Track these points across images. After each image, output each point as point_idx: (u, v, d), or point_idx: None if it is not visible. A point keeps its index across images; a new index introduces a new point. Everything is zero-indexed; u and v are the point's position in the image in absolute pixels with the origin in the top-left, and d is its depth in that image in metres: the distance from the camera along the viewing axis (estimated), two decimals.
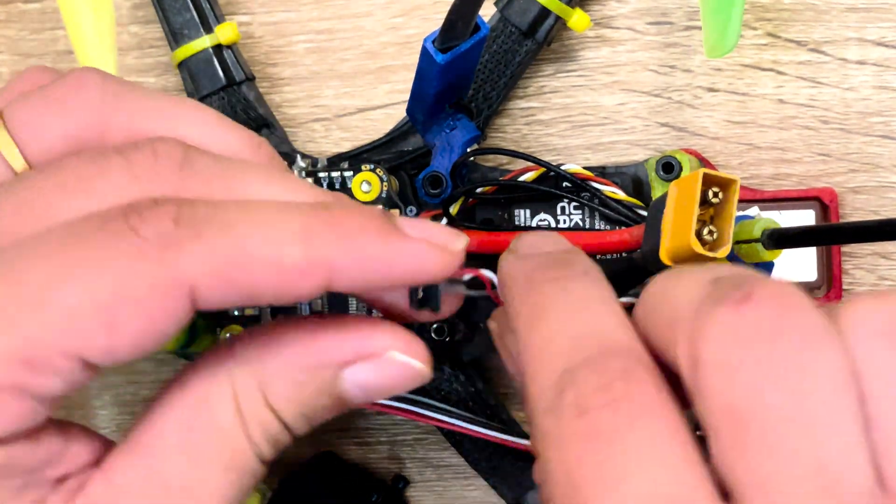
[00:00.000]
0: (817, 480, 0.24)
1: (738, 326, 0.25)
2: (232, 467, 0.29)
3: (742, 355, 0.25)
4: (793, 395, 0.24)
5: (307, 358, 0.29)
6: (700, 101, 0.42)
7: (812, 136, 0.42)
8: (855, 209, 0.42)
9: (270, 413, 0.30)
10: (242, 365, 0.29)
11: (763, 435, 0.24)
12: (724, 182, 0.30)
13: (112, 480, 0.29)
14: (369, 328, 0.30)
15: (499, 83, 0.41)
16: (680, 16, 0.43)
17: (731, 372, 0.25)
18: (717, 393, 0.25)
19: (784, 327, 0.25)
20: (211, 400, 0.29)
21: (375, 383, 0.30)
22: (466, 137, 0.38)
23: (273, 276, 0.27)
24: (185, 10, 0.41)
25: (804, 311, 0.25)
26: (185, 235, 0.27)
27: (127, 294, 0.26)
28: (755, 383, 0.24)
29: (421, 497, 0.44)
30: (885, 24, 0.42)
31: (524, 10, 0.40)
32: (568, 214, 0.38)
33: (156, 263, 0.26)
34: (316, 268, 0.28)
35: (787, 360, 0.25)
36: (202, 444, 0.29)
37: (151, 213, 0.27)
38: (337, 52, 0.44)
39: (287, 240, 0.27)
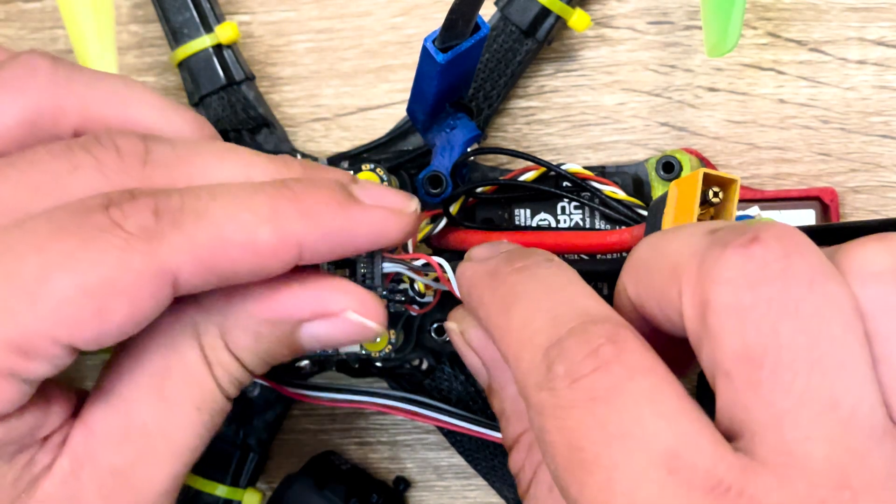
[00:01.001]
0: (831, 416, 0.24)
1: (747, 268, 0.25)
2: (203, 408, 0.32)
3: (754, 296, 0.25)
4: (805, 333, 0.25)
5: (267, 313, 0.31)
6: (700, 100, 0.42)
7: (812, 136, 0.42)
8: (855, 209, 0.42)
9: (232, 358, 0.32)
10: (206, 314, 0.31)
11: (777, 372, 0.25)
12: (724, 182, 0.30)
13: (92, 430, 0.31)
14: (328, 287, 0.32)
15: (499, 82, 0.41)
16: (680, 15, 0.43)
17: (744, 313, 0.25)
18: (730, 335, 0.25)
19: (793, 267, 0.25)
20: (179, 347, 0.31)
21: (330, 337, 0.32)
22: (467, 137, 0.38)
23: (248, 257, 0.29)
24: (185, 9, 0.41)
25: (810, 251, 0.26)
26: (165, 227, 0.29)
27: (117, 285, 0.28)
28: (768, 323, 0.25)
29: (421, 497, 0.44)
30: (885, 24, 0.42)
31: (524, 9, 0.40)
32: (568, 214, 0.38)
33: (141, 254, 0.28)
34: (287, 245, 0.30)
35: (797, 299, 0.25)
36: (174, 388, 0.31)
37: (131, 206, 0.29)
38: (337, 52, 0.44)
39: (258, 222, 0.29)
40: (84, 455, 0.31)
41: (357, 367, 0.40)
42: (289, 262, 0.30)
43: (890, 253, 0.26)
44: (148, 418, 0.31)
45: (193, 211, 0.29)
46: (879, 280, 0.26)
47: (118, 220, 0.28)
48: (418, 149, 0.40)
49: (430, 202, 0.38)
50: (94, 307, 0.28)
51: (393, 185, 0.38)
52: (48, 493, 0.31)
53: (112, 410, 0.31)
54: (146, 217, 0.29)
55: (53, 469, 0.31)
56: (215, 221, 0.29)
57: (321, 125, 0.44)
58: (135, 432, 0.31)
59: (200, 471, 0.41)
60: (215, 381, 0.32)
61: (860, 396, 0.25)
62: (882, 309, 0.26)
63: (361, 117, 0.44)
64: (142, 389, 0.31)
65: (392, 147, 0.42)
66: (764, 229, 0.26)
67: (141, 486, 0.31)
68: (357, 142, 0.43)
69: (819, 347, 0.25)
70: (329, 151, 0.44)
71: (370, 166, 0.38)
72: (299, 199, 0.30)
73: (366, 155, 0.42)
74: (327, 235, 0.30)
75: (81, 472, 0.31)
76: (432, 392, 0.41)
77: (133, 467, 0.31)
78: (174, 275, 0.29)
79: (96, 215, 0.29)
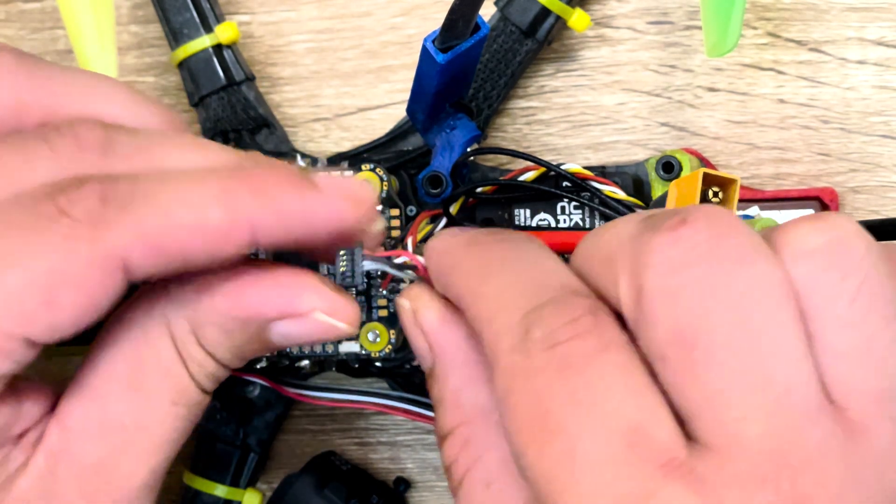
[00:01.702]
0: (766, 394, 0.24)
1: (676, 249, 0.26)
2: (179, 401, 0.31)
3: (683, 277, 0.25)
4: (736, 312, 0.25)
5: (234, 311, 0.31)
6: (700, 100, 0.42)
7: (812, 136, 0.42)
8: (855, 209, 0.42)
9: (204, 353, 0.31)
10: (176, 307, 0.31)
11: (709, 354, 0.25)
12: (724, 182, 0.30)
13: (68, 426, 0.31)
14: (297, 285, 0.31)
15: (499, 82, 0.41)
16: (680, 15, 0.43)
17: (675, 295, 0.25)
18: (663, 318, 0.25)
19: (722, 247, 0.25)
20: (151, 340, 0.31)
21: (300, 336, 0.32)
22: (467, 137, 0.38)
23: (199, 240, 0.29)
24: (185, 9, 0.41)
25: (739, 230, 0.26)
26: (112, 212, 0.28)
27: (64, 274, 0.28)
28: (698, 304, 0.25)
29: (421, 497, 0.44)
30: (885, 24, 0.42)
31: (524, 9, 0.40)
32: (568, 214, 0.38)
33: (88, 242, 0.28)
34: (238, 226, 0.29)
35: (727, 279, 0.25)
36: (149, 382, 0.31)
37: (77, 193, 0.28)
38: (337, 52, 0.44)
39: (208, 203, 0.29)
40: (60, 451, 0.31)
41: (357, 367, 0.40)
42: (242, 243, 0.29)
43: (822, 231, 0.26)
44: (123, 412, 0.31)
45: (142, 195, 0.29)
46: (812, 258, 0.26)
47: (64, 207, 0.28)
48: (418, 149, 0.40)
49: (430, 202, 0.38)
50: (43, 299, 0.28)
51: (393, 185, 0.38)
52: (24, 491, 0.30)
53: (87, 405, 0.31)
54: (92, 203, 0.28)
55: (29, 466, 0.30)
56: (164, 204, 0.29)
57: (321, 125, 0.44)
58: (111, 426, 0.31)
59: (200, 471, 0.41)
60: (189, 374, 0.31)
61: (794, 373, 0.25)
62: (814, 287, 0.25)
63: (361, 117, 0.44)
64: (116, 383, 0.31)
65: (392, 147, 0.42)
66: (693, 211, 0.26)
67: (119, 480, 0.31)
68: (357, 142, 0.44)
69: (750, 325, 0.25)
70: (329, 151, 0.44)
71: (370, 166, 0.38)
72: (252, 179, 0.30)
73: (366, 155, 0.42)
74: (281, 216, 0.30)
75: (58, 468, 0.30)
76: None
77: (111, 462, 0.31)
78: (123, 260, 0.28)
79: (43, 205, 0.28)
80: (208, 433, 0.41)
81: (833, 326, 0.25)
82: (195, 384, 0.32)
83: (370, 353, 0.38)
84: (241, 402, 0.41)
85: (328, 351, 0.39)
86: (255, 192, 0.29)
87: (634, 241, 0.27)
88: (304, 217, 0.30)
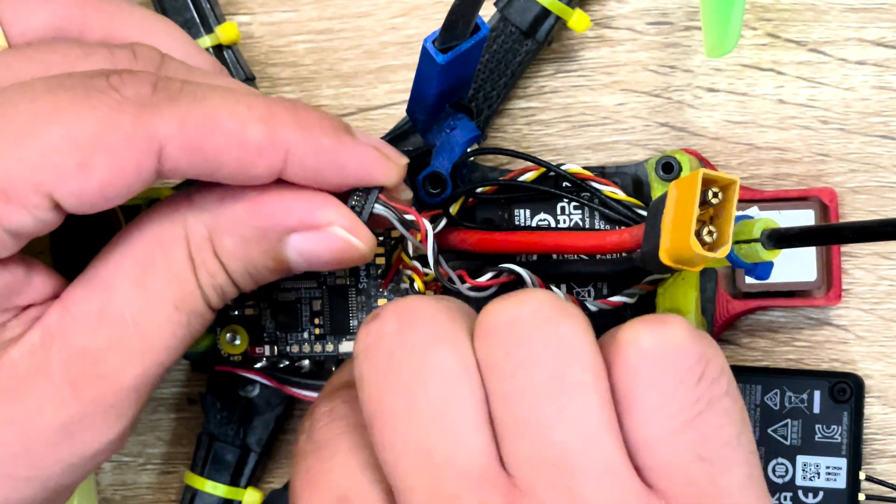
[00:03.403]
0: (426, 463, 0.27)
1: (366, 342, 0.29)
2: (182, 308, 0.32)
3: (368, 365, 0.29)
4: (404, 392, 0.28)
5: (256, 218, 0.31)
6: (700, 101, 0.43)
7: (812, 136, 0.42)
8: (855, 209, 0.42)
9: (218, 263, 0.32)
10: (196, 213, 0.31)
11: (382, 432, 0.28)
12: (723, 182, 0.30)
13: (68, 309, 0.31)
14: (318, 200, 0.32)
15: (499, 83, 0.41)
16: (680, 16, 0.43)
17: (362, 383, 0.29)
18: (362, 399, 0.29)
19: (403, 337, 0.28)
20: (165, 242, 0.31)
21: (317, 254, 0.32)
22: (467, 137, 0.38)
23: (235, 150, 0.30)
24: (185, 9, 0.41)
25: (424, 320, 0.29)
26: (160, 99, 0.29)
27: (102, 141, 0.28)
28: (374, 388, 0.28)
29: None
30: (885, 24, 0.42)
31: (524, 10, 0.40)
32: (568, 214, 0.38)
33: (132, 118, 0.29)
34: (274, 148, 0.30)
35: (403, 363, 0.28)
36: (155, 281, 0.31)
37: (132, 77, 0.29)
38: (337, 52, 0.44)
39: (252, 118, 0.30)
40: (56, 331, 0.31)
41: None
42: (273, 167, 0.30)
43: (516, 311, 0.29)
44: (125, 307, 0.31)
45: (192, 93, 0.30)
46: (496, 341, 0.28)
47: (116, 84, 0.29)
48: (418, 149, 0.40)
49: (430, 202, 0.38)
50: (78, 159, 0.28)
51: None
52: (13, 360, 0.31)
53: (90, 293, 0.31)
54: (144, 87, 0.29)
55: (23, 339, 0.31)
56: (210, 105, 0.29)
57: None
58: (110, 318, 0.31)
59: (200, 470, 0.41)
60: (198, 282, 0.32)
61: (455, 443, 0.27)
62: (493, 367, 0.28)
63: (361, 117, 0.44)
64: (123, 277, 0.31)
65: None
66: (387, 307, 0.29)
67: (108, 373, 0.31)
68: None
69: (415, 404, 0.27)
70: None
71: None
72: (297, 113, 0.31)
73: None
74: (316, 152, 0.31)
75: (51, 346, 0.31)
76: None
77: (103, 353, 0.31)
78: (160, 146, 0.29)
79: (97, 78, 0.29)
80: (208, 433, 0.41)
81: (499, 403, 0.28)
82: (201, 293, 0.32)
83: None
84: (241, 402, 0.41)
85: (328, 351, 0.39)
86: (298, 123, 0.30)
87: None
88: (337, 158, 0.31)
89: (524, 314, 0.28)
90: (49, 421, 0.31)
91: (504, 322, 0.28)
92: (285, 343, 0.40)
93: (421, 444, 0.27)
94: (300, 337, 0.40)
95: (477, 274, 0.37)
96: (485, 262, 0.38)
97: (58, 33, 0.33)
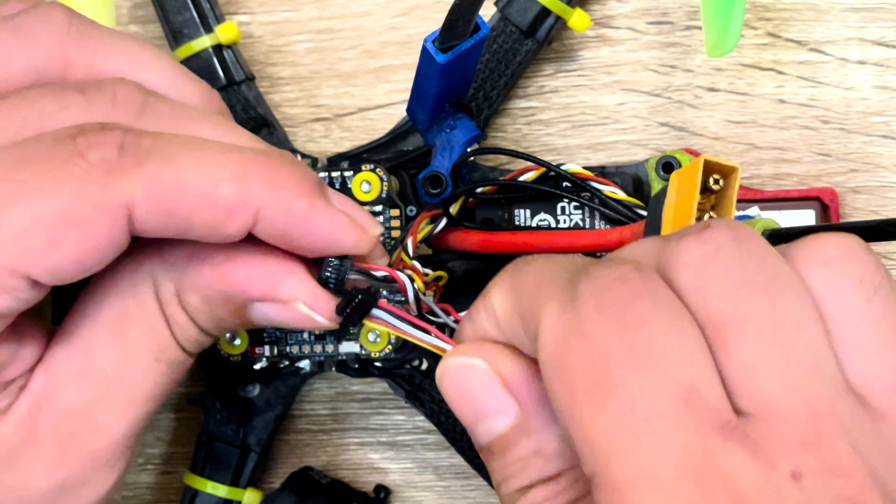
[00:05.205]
0: (798, 369, 0.25)
1: (704, 249, 0.27)
2: (161, 358, 0.32)
3: (712, 271, 0.26)
4: (764, 296, 0.26)
5: (219, 283, 0.31)
6: (700, 100, 0.42)
7: (812, 136, 0.42)
8: (855, 209, 0.42)
9: (186, 317, 0.32)
10: (165, 269, 0.32)
11: (742, 332, 0.26)
12: (725, 169, 0.30)
13: (52, 371, 0.31)
14: (283, 272, 0.32)
15: (499, 83, 0.41)
16: (680, 15, 0.43)
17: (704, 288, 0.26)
18: (695, 307, 0.26)
19: (744, 245, 0.27)
20: (138, 294, 0.31)
21: (279, 320, 0.32)
22: (467, 137, 0.38)
23: (204, 211, 0.29)
24: (185, 9, 0.41)
25: (757, 234, 0.27)
26: (127, 163, 0.29)
27: (71, 216, 0.28)
28: (728, 291, 0.26)
29: (421, 497, 0.44)
30: (885, 24, 0.42)
31: (524, 9, 0.40)
32: (568, 214, 0.38)
33: (99, 187, 0.28)
34: (245, 208, 0.29)
35: (754, 271, 0.26)
36: (132, 333, 0.31)
37: (98, 137, 0.29)
38: (337, 52, 0.44)
39: (224, 177, 0.29)
40: (42, 396, 0.31)
41: (357, 367, 0.40)
42: (243, 226, 0.30)
43: (837, 244, 0.27)
44: (106, 361, 0.31)
45: (160, 153, 0.29)
46: (829, 266, 0.27)
47: (82, 149, 0.28)
48: (418, 149, 0.40)
49: (430, 202, 0.38)
50: (48, 237, 0.28)
51: (393, 185, 0.38)
52: (3, 434, 0.31)
53: (71, 350, 0.31)
54: (110, 150, 0.29)
55: (11, 411, 0.31)
56: (179, 167, 0.29)
57: (321, 125, 0.44)
58: (93, 373, 0.31)
59: (200, 471, 0.41)
60: (172, 334, 0.32)
61: (820, 352, 0.26)
62: (833, 289, 0.27)
63: (361, 117, 0.44)
64: (101, 332, 0.31)
65: (392, 147, 0.42)
66: (713, 220, 0.27)
67: (97, 429, 0.31)
68: (357, 142, 0.44)
69: (777, 308, 0.26)
70: (329, 151, 0.44)
71: (370, 166, 0.38)
72: (271, 169, 0.30)
73: (366, 155, 0.42)
74: (287, 214, 0.30)
75: (38, 413, 0.31)
76: (431, 392, 0.41)
77: (90, 410, 0.31)
78: (130, 211, 0.28)
79: (62, 144, 0.29)
80: (208, 433, 0.41)
81: (852, 323, 0.26)
82: (177, 344, 0.32)
83: (370, 353, 0.38)
84: (240, 402, 0.41)
85: (328, 351, 0.39)
86: (271, 183, 0.30)
87: (661, 250, 0.27)
88: (307, 224, 0.30)
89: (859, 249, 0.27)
90: (43, 484, 0.31)
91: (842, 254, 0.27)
92: (285, 343, 0.40)
93: (789, 346, 0.26)
94: (300, 337, 0.40)
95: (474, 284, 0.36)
96: (485, 262, 0.38)
97: (39, 76, 0.32)
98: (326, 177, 0.39)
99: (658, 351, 0.25)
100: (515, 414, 0.30)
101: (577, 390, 0.26)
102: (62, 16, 0.32)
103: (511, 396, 0.30)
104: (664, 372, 0.25)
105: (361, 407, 0.44)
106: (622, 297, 0.26)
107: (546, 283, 0.28)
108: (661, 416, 0.25)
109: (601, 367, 0.25)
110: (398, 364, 0.39)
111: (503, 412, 0.30)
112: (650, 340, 0.25)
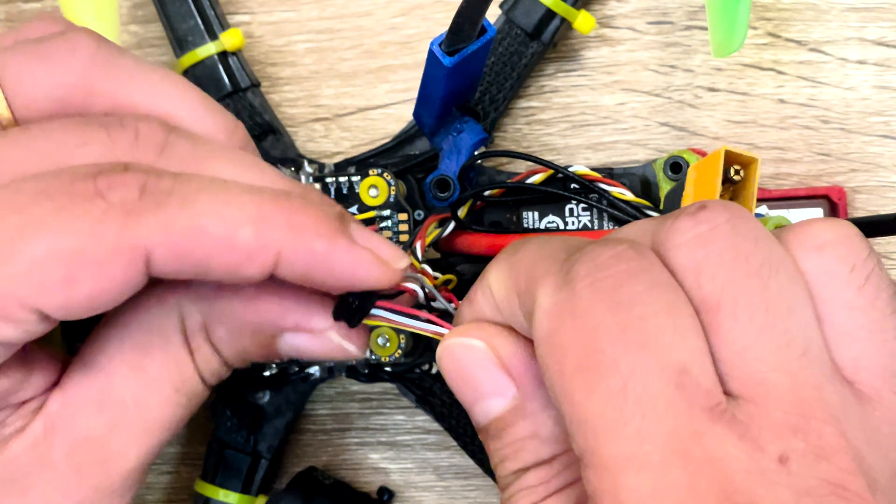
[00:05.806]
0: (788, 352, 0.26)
1: (699, 229, 0.27)
2: (182, 389, 0.32)
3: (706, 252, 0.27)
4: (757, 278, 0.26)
5: (251, 316, 0.32)
6: (700, 100, 0.43)
7: (812, 136, 0.42)
8: (856, 209, 0.42)
9: (211, 349, 0.32)
10: (192, 302, 0.32)
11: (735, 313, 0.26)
12: (744, 161, 0.30)
13: (69, 397, 0.31)
14: (315, 303, 0.32)
15: (505, 85, 0.41)
16: (680, 15, 0.43)
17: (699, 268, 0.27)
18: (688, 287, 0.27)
19: (740, 227, 0.27)
20: (163, 327, 0.32)
21: (308, 351, 0.33)
22: (474, 140, 0.38)
23: (223, 254, 0.29)
24: (189, 16, 0.41)
25: (752, 217, 0.28)
26: (147, 205, 0.28)
27: (87, 254, 0.28)
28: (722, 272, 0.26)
29: (421, 497, 0.44)
30: (885, 24, 0.42)
31: (529, 12, 0.40)
32: (576, 216, 0.38)
33: (117, 228, 0.28)
34: (264, 251, 0.29)
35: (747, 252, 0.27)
36: (154, 365, 0.32)
37: (119, 178, 0.29)
38: (337, 52, 0.44)
39: (243, 220, 0.29)
40: (58, 420, 0.31)
41: (367, 372, 0.40)
42: (263, 269, 0.30)
43: (831, 230, 0.28)
44: (125, 391, 0.31)
45: (180, 195, 0.29)
46: (823, 251, 0.27)
47: (102, 189, 0.28)
48: (425, 153, 0.40)
49: (438, 206, 0.38)
50: (63, 274, 0.28)
51: (400, 189, 0.38)
52: (16, 454, 0.31)
53: (90, 379, 0.31)
54: (131, 192, 0.28)
55: (25, 432, 0.31)
56: (198, 211, 0.29)
57: (321, 125, 0.44)
58: (111, 403, 0.31)
59: (211, 478, 0.41)
60: (195, 366, 0.32)
61: (810, 336, 0.26)
62: (825, 275, 0.27)
63: (361, 117, 0.44)
64: (122, 363, 0.31)
65: (399, 152, 0.41)
66: (708, 201, 0.28)
67: (111, 457, 0.31)
68: (357, 142, 0.43)
69: (770, 291, 0.26)
70: (329, 152, 0.44)
71: (377, 171, 0.38)
72: (292, 212, 0.30)
73: (373, 160, 0.41)
74: (308, 256, 0.30)
75: (53, 436, 0.31)
76: (442, 396, 0.41)
77: (105, 438, 0.31)
78: (148, 253, 0.28)
79: (83, 182, 0.28)
80: (219, 440, 0.41)
81: (842, 309, 0.27)
82: (199, 376, 0.32)
83: (380, 357, 0.38)
84: (251, 408, 0.41)
85: None
86: (291, 224, 0.30)
87: (657, 229, 0.27)
88: (329, 263, 0.30)
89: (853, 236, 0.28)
90: None
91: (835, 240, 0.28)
92: None
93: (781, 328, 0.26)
94: None
95: None
96: None
97: (62, 105, 0.32)
98: (334, 182, 0.38)
99: (651, 331, 0.26)
100: (513, 396, 0.31)
101: (569, 369, 0.26)
102: (89, 43, 0.32)
103: (509, 378, 0.31)
104: (656, 352, 0.25)
105: (361, 407, 0.44)
106: (617, 276, 0.26)
107: (542, 262, 0.28)
108: (651, 397, 0.25)
109: (594, 347, 0.26)
110: (408, 368, 0.39)
111: (501, 393, 0.31)
112: (643, 320, 0.26)
